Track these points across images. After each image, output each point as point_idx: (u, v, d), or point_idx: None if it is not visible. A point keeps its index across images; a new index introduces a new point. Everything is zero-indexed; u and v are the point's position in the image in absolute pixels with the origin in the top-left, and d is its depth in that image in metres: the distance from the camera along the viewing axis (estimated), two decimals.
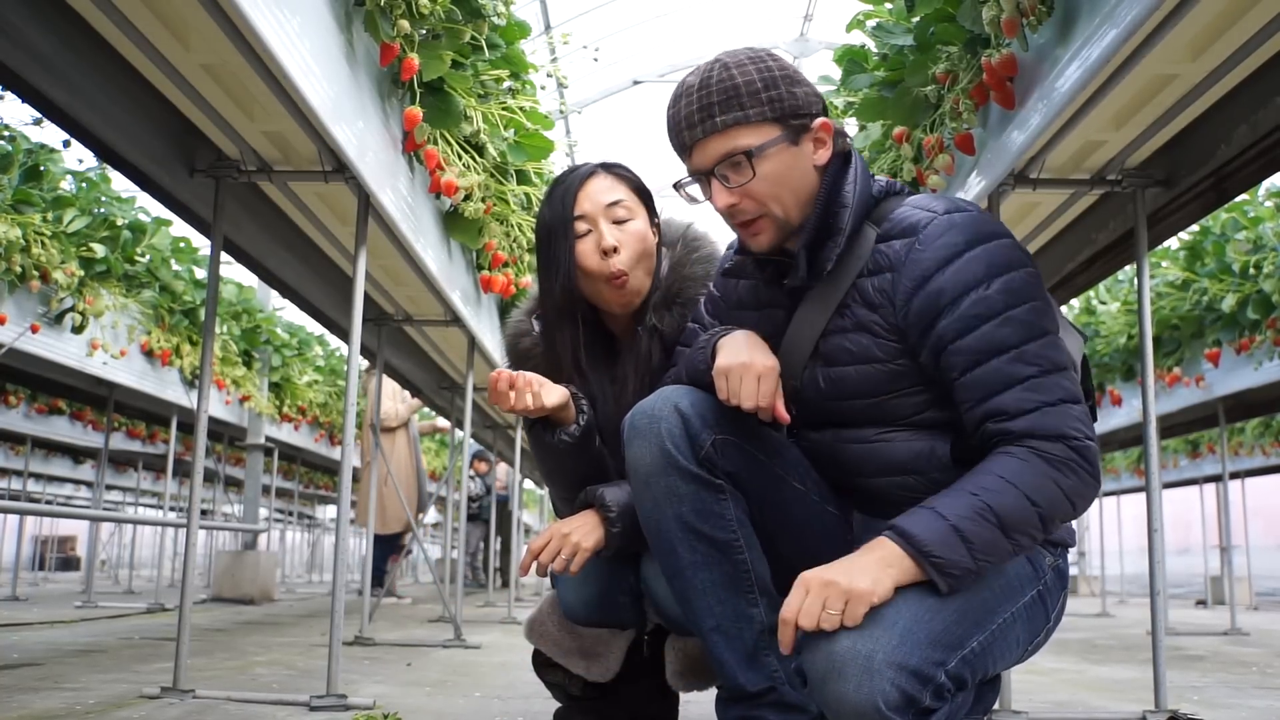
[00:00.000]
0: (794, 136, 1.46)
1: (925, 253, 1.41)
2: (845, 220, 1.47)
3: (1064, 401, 1.36)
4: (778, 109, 1.45)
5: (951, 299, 1.38)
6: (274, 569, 8.06)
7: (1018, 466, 1.33)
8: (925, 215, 1.44)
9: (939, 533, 1.29)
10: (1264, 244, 4.56)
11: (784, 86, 1.46)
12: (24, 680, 2.96)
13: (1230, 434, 8.62)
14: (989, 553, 1.31)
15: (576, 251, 1.75)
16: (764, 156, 1.45)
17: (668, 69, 9.52)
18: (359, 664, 3.56)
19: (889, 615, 1.27)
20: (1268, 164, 2.44)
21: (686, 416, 1.50)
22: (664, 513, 1.51)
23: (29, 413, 7.71)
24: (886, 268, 1.45)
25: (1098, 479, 1.37)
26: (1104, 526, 9.79)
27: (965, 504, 1.31)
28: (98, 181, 4.68)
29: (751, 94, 1.45)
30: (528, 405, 1.65)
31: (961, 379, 1.39)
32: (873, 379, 1.47)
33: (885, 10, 2.92)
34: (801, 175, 1.48)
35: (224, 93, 2.46)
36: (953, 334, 1.39)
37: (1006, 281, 1.38)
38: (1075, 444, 1.34)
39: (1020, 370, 1.36)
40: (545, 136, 3.36)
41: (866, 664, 1.24)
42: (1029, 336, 1.37)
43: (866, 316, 1.47)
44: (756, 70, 1.46)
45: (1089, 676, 3.67)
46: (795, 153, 1.47)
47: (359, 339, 2.73)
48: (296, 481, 11.49)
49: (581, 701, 1.91)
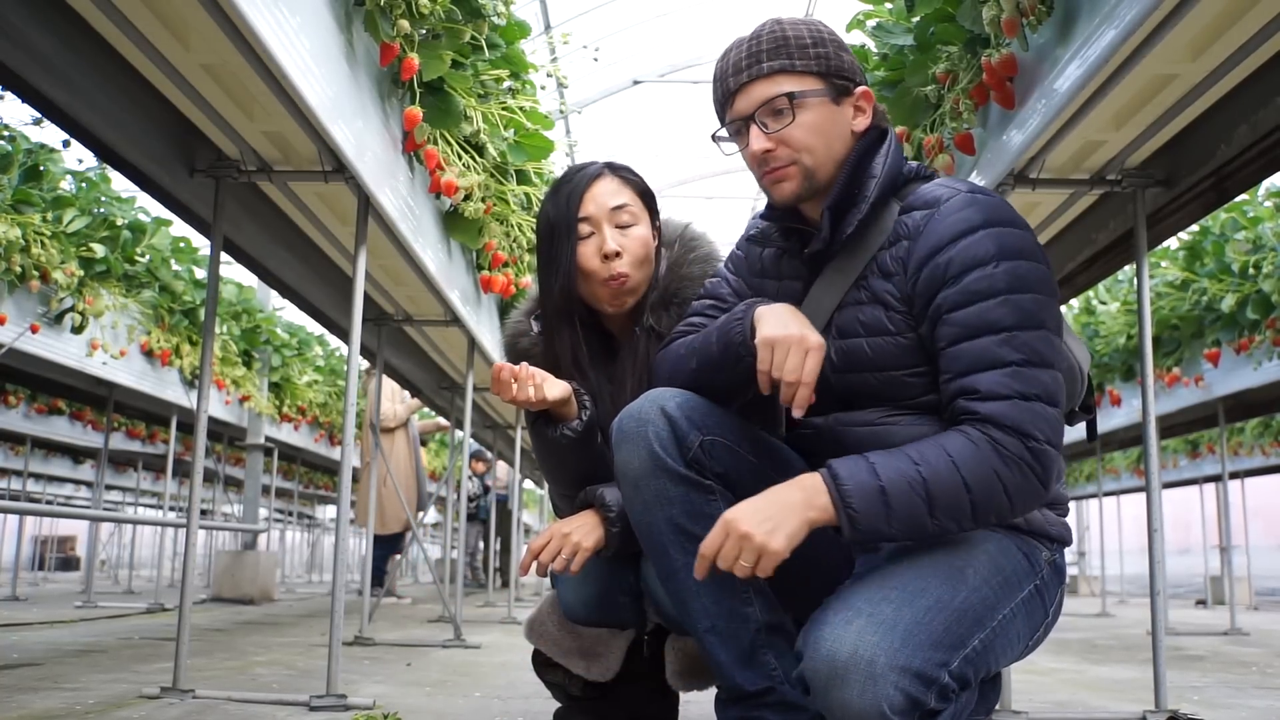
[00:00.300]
0: (836, 95, 1.51)
1: (941, 224, 1.42)
2: (871, 189, 1.48)
3: (1038, 399, 1.35)
4: (824, 65, 1.50)
5: (957, 271, 1.39)
6: (274, 569, 8.06)
7: (968, 451, 1.33)
8: (948, 191, 1.46)
9: (865, 488, 1.32)
10: (1263, 244, 4.57)
11: (832, 48, 1.51)
12: (24, 680, 2.96)
13: (1230, 434, 8.62)
14: (907, 524, 1.33)
15: (578, 253, 1.75)
16: (805, 104, 1.49)
17: (668, 69, 9.53)
18: (359, 664, 3.56)
19: (890, 616, 1.27)
20: (1268, 164, 2.44)
21: (673, 418, 1.49)
22: (655, 516, 1.51)
23: (29, 413, 7.72)
24: (905, 236, 1.46)
25: (1046, 485, 1.37)
26: (1104, 526, 9.79)
27: (901, 470, 1.33)
28: (98, 181, 4.68)
29: (800, 47, 1.50)
30: (529, 397, 1.65)
31: (948, 349, 1.40)
32: (885, 352, 1.47)
33: (885, 10, 2.92)
34: (838, 133, 1.51)
35: (224, 93, 2.46)
36: (950, 305, 1.39)
37: (1014, 266, 1.38)
38: (1033, 445, 1.34)
39: (1006, 354, 1.36)
40: (545, 136, 3.36)
41: (869, 669, 1.23)
42: (1024, 324, 1.37)
43: (881, 287, 1.48)
44: (808, 29, 1.52)
45: (1089, 676, 3.67)
46: (835, 111, 1.51)
47: (359, 339, 2.73)
48: (296, 481, 11.49)
49: (581, 701, 1.91)
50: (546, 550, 1.69)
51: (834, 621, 1.29)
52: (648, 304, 1.80)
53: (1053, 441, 1.36)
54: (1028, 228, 1.45)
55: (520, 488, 9.12)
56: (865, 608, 1.29)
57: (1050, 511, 1.53)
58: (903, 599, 1.29)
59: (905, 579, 1.34)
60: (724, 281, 1.68)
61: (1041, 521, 1.50)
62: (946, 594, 1.33)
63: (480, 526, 10.93)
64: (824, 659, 1.26)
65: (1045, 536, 1.50)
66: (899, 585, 1.32)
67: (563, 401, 1.71)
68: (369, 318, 4.41)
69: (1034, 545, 1.48)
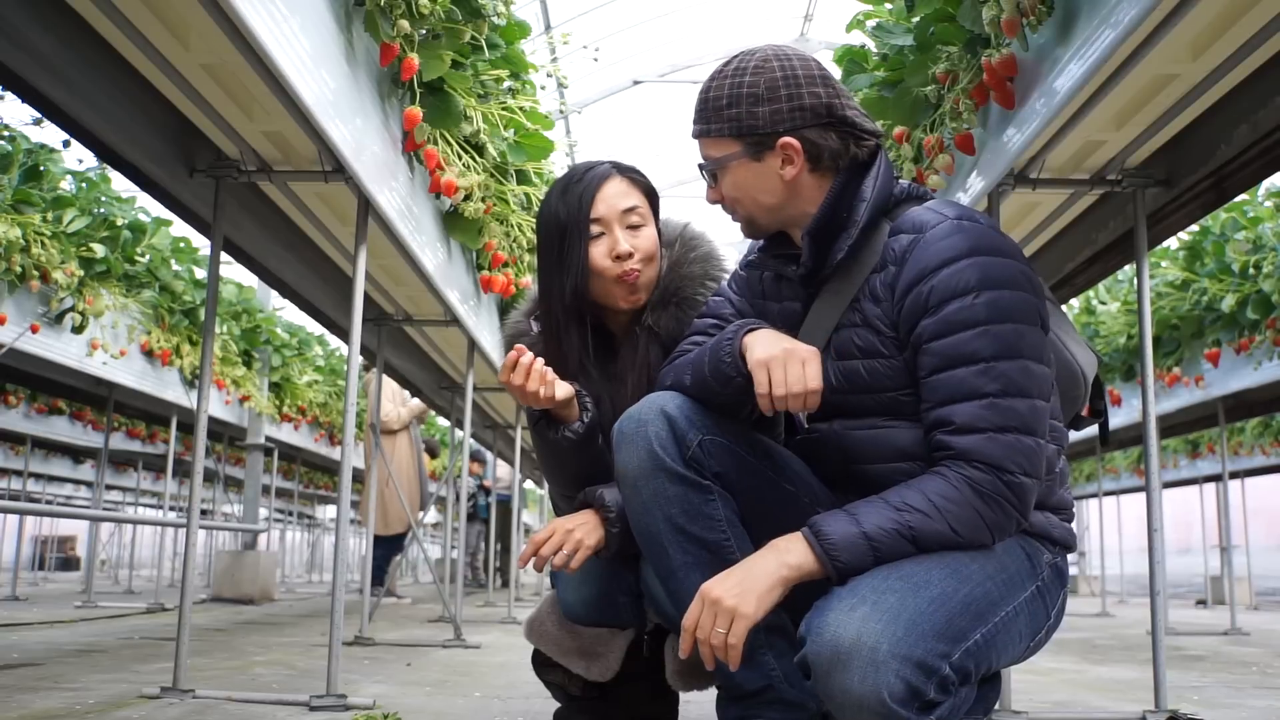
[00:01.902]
0: (754, 153, 1.52)
1: (925, 252, 1.42)
2: (861, 213, 1.49)
3: (1015, 430, 1.37)
4: (736, 127, 1.52)
5: (937, 301, 1.40)
6: (274, 569, 8.06)
7: (949, 493, 1.37)
8: (935, 217, 1.46)
9: (849, 538, 1.35)
10: (1263, 244, 4.57)
11: (745, 105, 1.51)
12: (24, 680, 2.96)
13: (1230, 434, 8.62)
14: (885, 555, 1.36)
15: (590, 253, 1.75)
16: (724, 168, 1.54)
17: (668, 69, 9.52)
18: (359, 664, 3.56)
19: (894, 605, 1.28)
20: (1268, 164, 2.44)
21: (673, 418, 1.51)
22: (654, 515, 1.51)
23: (29, 413, 7.72)
24: (892, 262, 1.47)
25: (1024, 515, 1.41)
26: (1104, 526, 9.79)
27: (886, 517, 1.36)
28: (98, 181, 4.68)
29: (716, 110, 1.53)
30: (540, 395, 1.65)
31: (927, 379, 1.42)
32: (881, 375, 1.49)
33: (885, 10, 2.92)
34: (763, 187, 1.53)
35: (224, 93, 2.46)
36: (930, 334, 1.41)
37: (995, 296, 1.39)
38: (1008, 479, 1.37)
39: (983, 385, 1.37)
40: (545, 136, 3.35)
41: (871, 656, 1.24)
42: (1001, 355, 1.38)
43: (872, 311, 1.49)
44: (730, 87, 1.52)
45: (1089, 676, 3.67)
46: (756, 167, 1.53)
47: (359, 339, 2.73)
48: (296, 481, 11.49)
49: (581, 701, 1.91)
50: (549, 544, 1.69)
51: (838, 608, 1.30)
52: (648, 303, 1.80)
53: (1029, 472, 1.38)
54: (1016, 254, 1.45)
55: (520, 488, 9.10)
56: (870, 596, 1.30)
57: (1054, 515, 1.53)
58: (907, 590, 1.30)
59: (910, 571, 1.34)
60: (727, 301, 1.70)
61: (1045, 524, 1.51)
62: (950, 587, 1.34)
63: (480, 526, 10.93)
64: (827, 644, 1.27)
65: (1048, 539, 1.51)
66: (904, 576, 1.33)
67: (566, 403, 1.71)
68: (369, 318, 4.41)
69: (1036, 547, 1.49)
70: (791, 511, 1.55)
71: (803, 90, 1.49)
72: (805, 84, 1.50)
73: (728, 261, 1.87)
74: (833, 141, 1.51)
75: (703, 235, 1.88)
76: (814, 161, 1.51)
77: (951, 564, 1.37)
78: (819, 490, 1.59)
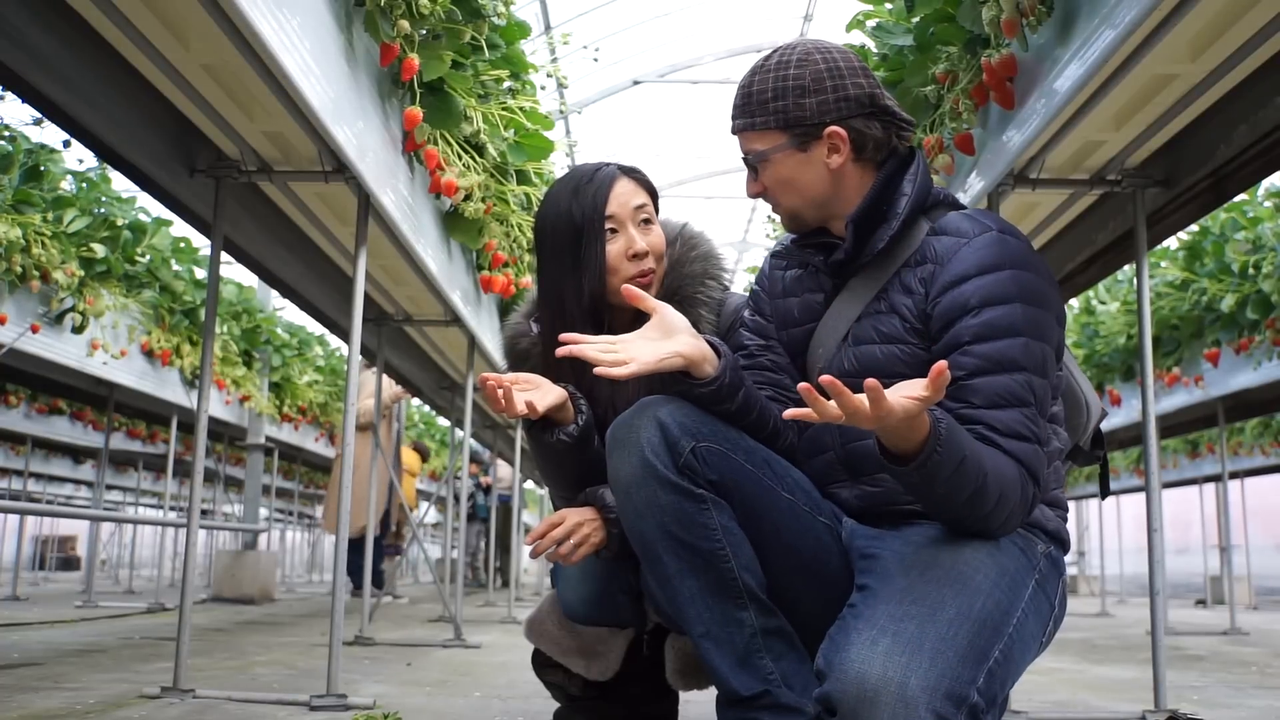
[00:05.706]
0: (801, 144, 1.55)
1: (970, 256, 1.48)
2: (903, 207, 1.54)
3: (1042, 444, 1.45)
4: (782, 119, 1.55)
5: (978, 304, 1.45)
6: (274, 569, 8.06)
7: (1011, 474, 1.41)
8: (979, 225, 1.52)
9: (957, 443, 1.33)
10: (1263, 244, 4.57)
11: (792, 98, 1.54)
12: (24, 680, 2.96)
13: (1229, 434, 8.62)
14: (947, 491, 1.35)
15: (607, 253, 1.75)
16: (770, 160, 1.57)
17: (668, 69, 9.52)
18: (359, 664, 3.56)
19: (914, 635, 1.27)
20: (1267, 164, 2.44)
21: (665, 425, 1.49)
22: (647, 523, 1.50)
23: (29, 413, 7.72)
24: (932, 260, 1.52)
25: (1027, 516, 1.48)
26: (1104, 526, 9.79)
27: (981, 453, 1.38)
28: (98, 181, 4.68)
29: (761, 104, 1.56)
30: (520, 410, 1.64)
31: (968, 381, 1.43)
32: (896, 359, 1.53)
33: (885, 10, 2.92)
34: (810, 178, 1.57)
35: (224, 93, 2.46)
36: (971, 336, 1.44)
37: (1034, 313, 1.45)
38: (1033, 489, 1.44)
39: (1025, 395, 1.43)
40: (545, 136, 3.35)
41: (900, 693, 1.23)
42: (1038, 371, 1.45)
43: (900, 301, 1.53)
44: (774, 80, 1.55)
45: (1089, 676, 3.67)
46: (803, 158, 1.56)
47: (359, 339, 2.73)
48: (296, 481, 11.49)
49: (581, 701, 1.91)
50: (559, 530, 1.69)
51: (858, 642, 1.29)
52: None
53: (1040, 483, 1.46)
54: (1050, 277, 1.52)
55: (521, 488, 9.11)
56: (889, 626, 1.29)
57: (1048, 509, 1.54)
58: (924, 614, 1.29)
59: (921, 592, 1.34)
60: (745, 330, 1.74)
61: (1038, 516, 1.52)
62: (964, 604, 1.33)
63: (480, 526, 10.93)
64: (852, 682, 1.25)
65: (1041, 529, 1.53)
66: (917, 599, 1.33)
67: (558, 407, 1.71)
68: (369, 318, 4.41)
69: (1029, 539, 1.50)
70: (790, 518, 1.54)
71: (846, 81, 1.54)
72: (848, 75, 1.55)
73: (727, 261, 1.88)
74: (876, 130, 1.56)
75: (701, 234, 1.88)
76: (858, 150, 1.56)
77: (957, 579, 1.36)
78: (817, 497, 1.59)
